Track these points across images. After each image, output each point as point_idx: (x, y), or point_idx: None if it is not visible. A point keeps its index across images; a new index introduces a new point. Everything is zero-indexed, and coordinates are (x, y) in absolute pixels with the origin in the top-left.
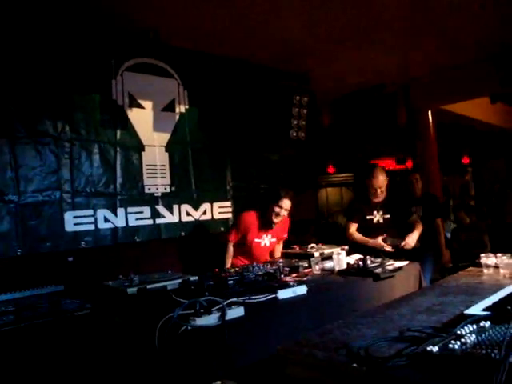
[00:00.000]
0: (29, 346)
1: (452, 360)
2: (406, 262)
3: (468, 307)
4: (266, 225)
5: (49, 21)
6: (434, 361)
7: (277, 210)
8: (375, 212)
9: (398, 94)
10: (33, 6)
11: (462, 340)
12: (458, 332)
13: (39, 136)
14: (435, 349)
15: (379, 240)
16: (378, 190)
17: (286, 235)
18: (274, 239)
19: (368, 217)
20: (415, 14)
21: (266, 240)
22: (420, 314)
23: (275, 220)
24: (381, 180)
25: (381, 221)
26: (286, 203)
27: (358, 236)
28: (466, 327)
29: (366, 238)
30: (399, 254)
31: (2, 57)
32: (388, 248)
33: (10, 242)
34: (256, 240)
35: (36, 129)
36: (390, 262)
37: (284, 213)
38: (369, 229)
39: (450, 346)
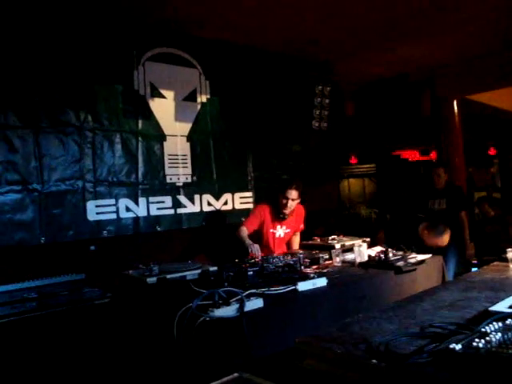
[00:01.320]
0: (50, 333)
1: (476, 359)
2: (429, 255)
3: (493, 304)
4: (279, 216)
5: (72, 11)
6: (457, 359)
7: (283, 201)
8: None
9: (423, 83)
10: None
11: (487, 338)
12: (483, 330)
13: (62, 126)
14: (458, 347)
15: None
16: None
17: (302, 226)
18: (288, 230)
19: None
20: (441, 3)
21: (280, 231)
22: (443, 309)
23: (284, 211)
24: None
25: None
26: (292, 193)
27: None
28: (490, 325)
29: None
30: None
31: (26, 48)
32: None
33: (33, 231)
34: (271, 231)
35: (59, 119)
36: (412, 255)
37: (291, 203)
38: None
39: (474, 344)
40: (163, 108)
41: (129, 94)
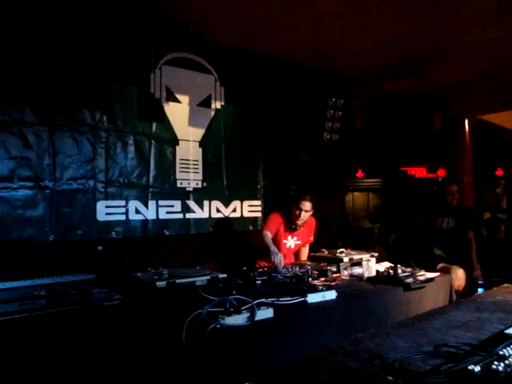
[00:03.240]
0: (59, 331)
1: (496, 382)
2: (438, 274)
3: (506, 326)
4: (291, 226)
5: (92, 11)
6: (476, 381)
7: (297, 211)
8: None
9: (436, 100)
10: None
11: (506, 362)
12: (501, 352)
13: (77, 125)
14: (477, 368)
15: None
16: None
17: (312, 238)
18: (298, 241)
19: None
20: (454, 24)
21: (291, 242)
22: (455, 329)
23: (297, 222)
24: None
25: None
26: (305, 205)
27: None
28: (508, 348)
29: None
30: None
31: (45, 45)
32: None
33: (43, 228)
34: (283, 241)
35: (74, 117)
36: (421, 273)
37: (304, 214)
38: None
39: (494, 366)
40: (177, 112)
41: (144, 96)
